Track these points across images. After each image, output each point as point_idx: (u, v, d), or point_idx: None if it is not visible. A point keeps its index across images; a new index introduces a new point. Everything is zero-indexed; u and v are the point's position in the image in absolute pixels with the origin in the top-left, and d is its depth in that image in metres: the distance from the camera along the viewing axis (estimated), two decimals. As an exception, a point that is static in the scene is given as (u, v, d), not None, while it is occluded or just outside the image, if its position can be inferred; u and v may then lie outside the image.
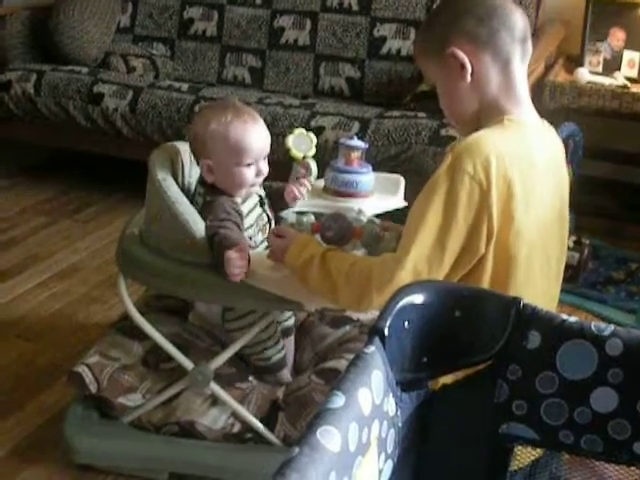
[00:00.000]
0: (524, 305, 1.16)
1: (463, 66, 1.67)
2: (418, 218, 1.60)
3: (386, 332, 1.06)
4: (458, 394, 1.18)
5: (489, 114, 1.69)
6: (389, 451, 1.03)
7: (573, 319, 1.14)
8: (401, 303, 1.12)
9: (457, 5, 1.71)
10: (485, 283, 1.63)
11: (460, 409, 1.18)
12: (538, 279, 1.69)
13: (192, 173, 2.11)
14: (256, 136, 2.00)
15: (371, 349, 1.02)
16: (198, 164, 2.05)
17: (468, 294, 1.22)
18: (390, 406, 1.04)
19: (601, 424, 1.12)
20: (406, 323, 1.12)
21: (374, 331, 1.06)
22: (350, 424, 0.90)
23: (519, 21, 1.68)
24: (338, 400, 0.91)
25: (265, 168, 2.03)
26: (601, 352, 1.11)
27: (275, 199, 2.15)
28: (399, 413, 1.07)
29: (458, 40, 1.67)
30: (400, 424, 1.07)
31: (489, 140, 1.60)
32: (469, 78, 1.68)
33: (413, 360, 1.12)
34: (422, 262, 1.58)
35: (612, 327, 1.12)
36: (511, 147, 1.62)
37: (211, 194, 2.01)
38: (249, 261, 1.84)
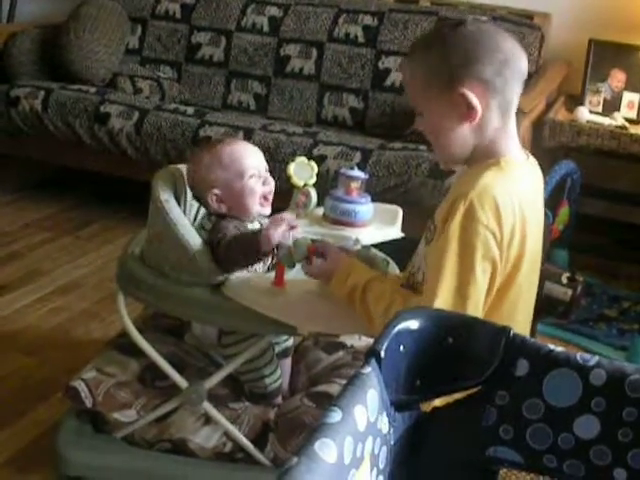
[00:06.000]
0: (514, 335, 1.19)
1: (470, 107, 1.66)
2: (436, 271, 1.63)
3: (382, 354, 1.10)
4: (448, 416, 1.22)
5: (482, 155, 1.71)
6: (381, 467, 1.07)
7: (560, 349, 1.18)
8: (397, 328, 1.16)
9: (472, 48, 1.66)
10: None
11: (450, 431, 1.22)
12: (525, 305, 1.77)
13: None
14: (248, 150, 2.10)
15: (368, 369, 1.06)
16: (204, 205, 2.08)
17: (460, 322, 1.26)
18: (383, 424, 1.07)
19: (583, 450, 1.15)
20: (401, 347, 1.16)
21: (371, 353, 1.10)
22: (346, 438, 0.93)
23: (524, 66, 1.70)
24: (335, 415, 0.95)
25: (270, 178, 2.09)
26: (585, 381, 1.15)
27: None
28: (392, 432, 1.11)
29: (471, 83, 1.65)
30: (392, 442, 1.11)
31: (497, 186, 1.63)
32: (476, 120, 1.68)
33: (407, 382, 1.16)
34: None
35: (597, 358, 1.16)
36: (514, 189, 1.65)
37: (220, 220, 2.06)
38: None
